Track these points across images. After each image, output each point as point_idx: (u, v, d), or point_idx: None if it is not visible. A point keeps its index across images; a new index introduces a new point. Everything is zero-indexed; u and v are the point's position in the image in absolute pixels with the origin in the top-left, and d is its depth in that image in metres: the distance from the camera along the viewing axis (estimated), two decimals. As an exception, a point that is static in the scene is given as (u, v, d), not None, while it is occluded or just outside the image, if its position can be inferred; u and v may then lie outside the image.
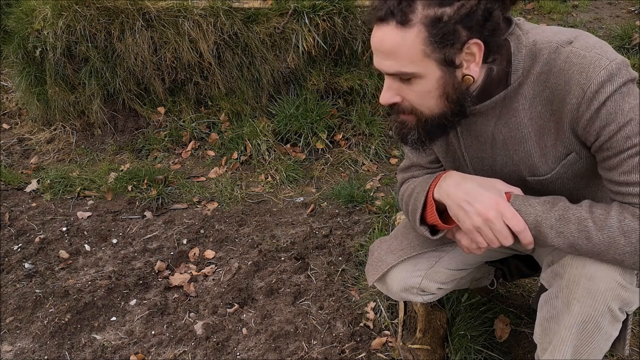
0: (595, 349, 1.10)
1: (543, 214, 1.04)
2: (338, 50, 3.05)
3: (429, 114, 1.06)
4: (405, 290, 1.39)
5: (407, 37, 0.97)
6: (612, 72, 0.95)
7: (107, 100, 3.09)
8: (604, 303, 1.04)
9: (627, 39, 3.79)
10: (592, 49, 0.98)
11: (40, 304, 1.98)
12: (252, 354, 1.76)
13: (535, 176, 1.13)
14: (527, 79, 1.05)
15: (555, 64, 1.01)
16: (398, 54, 0.99)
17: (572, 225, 1.01)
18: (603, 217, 0.99)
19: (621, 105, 0.95)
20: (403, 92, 1.05)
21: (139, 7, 2.87)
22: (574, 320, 1.08)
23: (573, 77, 0.98)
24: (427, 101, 1.04)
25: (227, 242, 2.33)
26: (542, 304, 1.17)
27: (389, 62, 1.01)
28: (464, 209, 1.08)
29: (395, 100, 1.06)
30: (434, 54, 0.98)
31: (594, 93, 0.95)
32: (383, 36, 0.99)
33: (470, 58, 1.01)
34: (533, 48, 1.04)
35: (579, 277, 1.05)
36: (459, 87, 1.03)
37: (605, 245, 0.99)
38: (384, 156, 2.95)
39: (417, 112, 1.07)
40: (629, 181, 0.98)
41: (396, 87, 1.05)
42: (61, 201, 2.64)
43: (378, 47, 1.01)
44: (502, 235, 1.05)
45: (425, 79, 1.01)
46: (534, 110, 1.06)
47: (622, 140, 0.96)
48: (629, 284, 1.04)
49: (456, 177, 1.14)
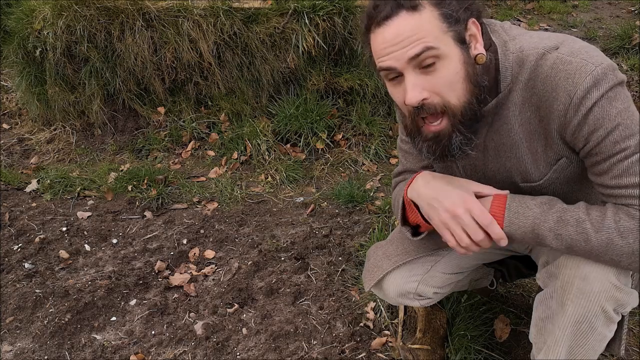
0: (590, 349, 1.10)
1: (541, 216, 1.04)
2: (338, 50, 3.05)
3: (458, 105, 1.01)
4: (401, 296, 1.39)
5: (423, 17, 0.97)
6: (597, 77, 0.95)
7: (107, 100, 3.09)
8: (598, 304, 1.04)
9: (627, 39, 3.79)
10: (577, 54, 0.98)
11: (40, 304, 1.98)
12: (252, 354, 1.76)
13: (528, 182, 1.13)
14: (516, 85, 1.05)
15: (542, 70, 1.01)
16: (420, 33, 0.96)
17: (570, 227, 1.01)
18: (600, 219, 0.99)
19: (608, 110, 0.95)
20: (429, 85, 0.99)
21: (139, 7, 2.87)
22: (568, 321, 1.08)
23: (559, 84, 0.98)
24: (455, 87, 1.00)
25: (227, 242, 2.33)
26: (538, 304, 1.17)
27: (411, 45, 0.96)
28: (433, 206, 1.09)
29: (424, 97, 1.00)
30: (449, 32, 0.98)
31: (581, 99, 0.96)
32: (398, 26, 0.97)
33: (473, 38, 1.02)
34: (520, 54, 1.04)
35: (574, 278, 1.06)
36: (475, 68, 1.02)
37: (603, 247, 0.99)
38: (384, 156, 2.95)
39: (448, 106, 1.01)
40: (620, 184, 0.98)
41: (421, 81, 0.99)
42: (61, 201, 2.64)
43: (395, 39, 0.97)
44: (471, 229, 1.05)
45: (449, 59, 0.98)
46: (523, 117, 1.07)
47: (611, 145, 0.96)
48: (624, 285, 1.04)
49: (426, 176, 1.16)
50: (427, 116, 1.04)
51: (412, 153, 1.32)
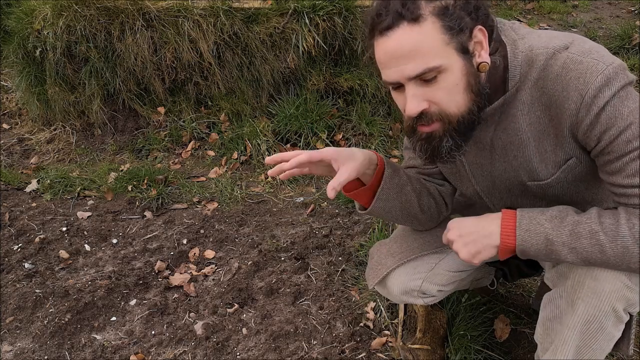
0: (598, 349, 1.10)
1: (553, 231, 1.03)
2: (338, 50, 3.05)
3: (457, 113, 1.01)
4: (405, 293, 1.39)
5: (424, 31, 0.95)
6: (609, 76, 0.95)
7: (107, 100, 3.09)
8: (609, 303, 1.04)
9: (627, 39, 3.79)
10: (588, 54, 0.98)
11: (40, 304, 1.98)
12: (252, 354, 1.76)
13: (535, 181, 1.13)
14: (525, 84, 1.05)
15: (552, 69, 1.01)
16: (421, 51, 0.96)
17: (584, 240, 1.00)
18: (614, 227, 0.98)
19: (620, 109, 0.95)
20: (429, 95, 1.00)
21: (139, 7, 2.87)
22: (577, 320, 1.08)
23: (571, 83, 0.98)
24: (455, 96, 1.00)
25: (227, 242, 2.33)
26: (546, 303, 1.17)
27: (413, 63, 0.96)
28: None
29: (424, 107, 1.00)
30: (452, 42, 0.97)
31: (593, 98, 0.95)
32: (399, 39, 0.96)
33: (478, 45, 1.01)
34: (529, 54, 1.04)
35: (585, 277, 1.05)
36: (478, 77, 1.02)
37: (620, 257, 0.98)
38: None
39: (445, 114, 1.01)
40: (633, 184, 0.98)
41: (421, 92, 0.99)
42: (61, 201, 2.64)
43: (396, 53, 0.97)
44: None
45: (450, 71, 0.98)
46: (532, 116, 1.06)
47: (624, 144, 0.96)
48: (634, 285, 1.04)
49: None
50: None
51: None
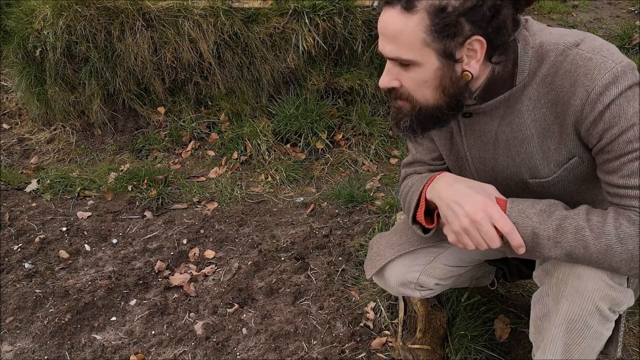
0: (587, 347, 1.10)
1: (540, 225, 1.03)
2: (338, 50, 3.05)
3: (424, 103, 1.06)
4: (403, 285, 1.39)
5: (409, 23, 0.98)
6: (617, 74, 0.95)
7: (107, 100, 3.09)
8: (592, 302, 1.04)
9: (627, 39, 3.80)
10: (598, 52, 0.98)
11: (40, 304, 1.98)
12: (252, 354, 1.76)
13: (536, 178, 1.13)
14: (533, 80, 1.05)
15: (562, 66, 1.01)
16: (399, 39, 1.00)
17: (569, 235, 1.01)
18: (600, 225, 0.99)
19: (625, 108, 0.95)
20: (401, 77, 1.06)
21: (139, 7, 2.87)
22: (562, 318, 1.08)
23: (578, 79, 0.98)
24: (423, 90, 1.04)
25: (227, 242, 2.33)
26: (535, 302, 1.17)
27: (390, 46, 1.02)
28: (453, 209, 1.08)
29: (393, 85, 1.07)
30: (434, 44, 0.98)
31: (598, 95, 0.95)
32: (387, 19, 1.00)
33: (472, 54, 1.00)
34: (540, 50, 1.04)
35: (568, 276, 1.06)
36: (457, 81, 1.03)
37: (602, 254, 0.99)
38: (384, 156, 2.95)
39: (413, 99, 1.07)
40: (628, 184, 0.98)
41: (395, 72, 1.05)
42: (61, 201, 2.64)
43: (382, 30, 1.03)
44: (489, 237, 1.05)
45: (422, 68, 1.01)
46: (538, 112, 1.06)
47: (624, 143, 0.96)
48: (617, 285, 1.04)
49: (448, 179, 1.14)
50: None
51: (422, 144, 1.32)
